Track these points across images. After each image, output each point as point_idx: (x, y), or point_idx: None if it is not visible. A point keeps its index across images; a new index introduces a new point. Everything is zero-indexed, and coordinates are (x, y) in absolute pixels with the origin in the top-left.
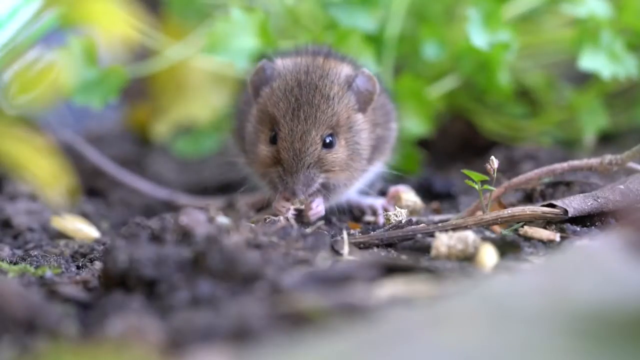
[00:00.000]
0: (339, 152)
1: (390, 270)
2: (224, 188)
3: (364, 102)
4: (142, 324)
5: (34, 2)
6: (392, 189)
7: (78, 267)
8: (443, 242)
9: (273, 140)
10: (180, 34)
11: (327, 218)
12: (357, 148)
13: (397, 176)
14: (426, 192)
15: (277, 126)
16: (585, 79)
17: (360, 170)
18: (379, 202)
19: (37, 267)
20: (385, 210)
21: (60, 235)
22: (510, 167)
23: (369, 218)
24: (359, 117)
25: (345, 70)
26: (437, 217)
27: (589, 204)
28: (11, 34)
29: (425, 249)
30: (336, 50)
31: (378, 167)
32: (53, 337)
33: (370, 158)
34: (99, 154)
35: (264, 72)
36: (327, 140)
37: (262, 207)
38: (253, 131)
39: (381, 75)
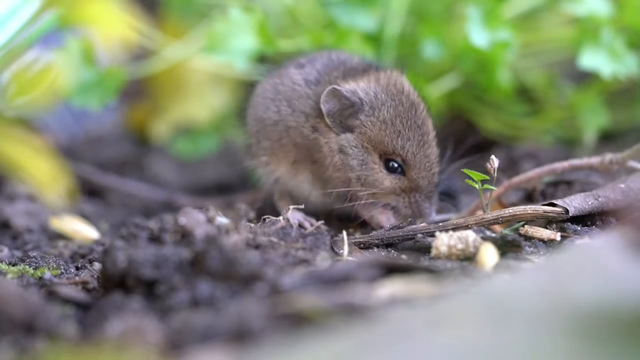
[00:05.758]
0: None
1: (391, 270)
2: (223, 188)
3: None
4: (142, 325)
5: (32, 3)
6: None
7: (77, 268)
8: (443, 241)
9: (392, 169)
10: (179, 34)
11: (327, 218)
12: None
13: None
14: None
15: (403, 157)
16: (585, 78)
17: None
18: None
19: (36, 268)
20: None
21: (59, 236)
22: (510, 166)
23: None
24: None
25: (404, 77)
26: (437, 217)
27: (589, 203)
28: (10, 35)
29: (426, 249)
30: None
31: None
32: (52, 338)
33: None
34: (92, 168)
35: (347, 100)
36: None
37: (262, 207)
38: (359, 163)
39: None
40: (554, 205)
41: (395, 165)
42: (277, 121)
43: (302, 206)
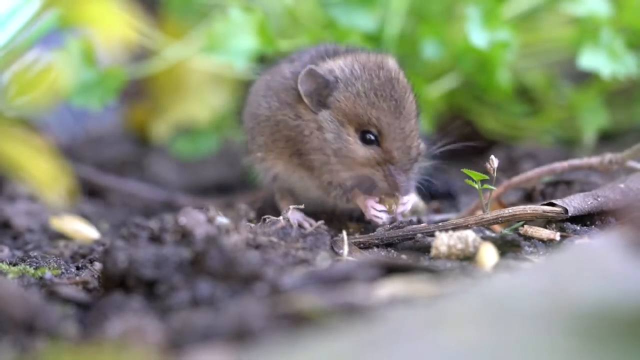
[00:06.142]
0: (419, 139)
1: (390, 270)
2: (224, 188)
3: None
4: (142, 325)
5: (32, 3)
6: None
7: (77, 268)
8: (443, 241)
9: (368, 142)
10: (179, 34)
11: (327, 218)
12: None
13: None
14: (426, 192)
15: (378, 127)
16: (585, 78)
17: None
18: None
19: (36, 268)
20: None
21: (60, 236)
22: (510, 166)
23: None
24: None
25: (393, 61)
26: (437, 217)
27: (589, 202)
28: (10, 35)
29: (426, 249)
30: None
31: None
32: (53, 338)
33: None
34: (92, 168)
35: (322, 79)
36: None
37: (262, 207)
38: (334, 136)
39: None
40: (553, 205)
41: (372, 137)
42: (268, 117)
43: (302, 206)
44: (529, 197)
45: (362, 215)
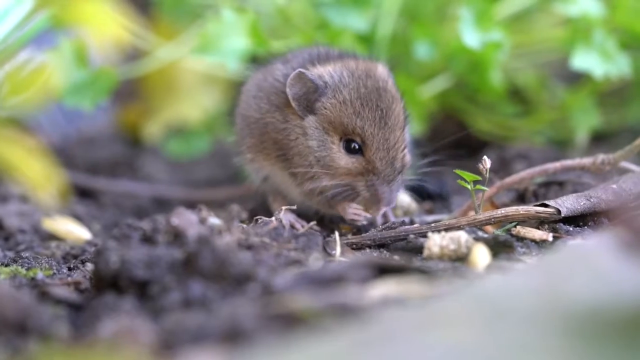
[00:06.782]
0: (406, 150)
1: (383, 270)
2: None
3: None
4: (134, 326)
5: (25, 4)
6: None
7: (69, 269)
8: (435, 242)
9: (352, 151)
10: (171, 34)
11: (320, 219)
12: (407, 139)
13: None
14: (418, 193)
15: (362, 137)
16: (577, 78)
17: None
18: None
19: (28, 269)
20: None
21: (52, 236)
22: (502, 167)
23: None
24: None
25: (383, 68)
26: (429, 218)
27: (581, 203)
28: (3, 35)
29: (418, 250)
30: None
31: None
32: (44, 339)
33: None
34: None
35: (312, 83)
36: None
37: (255, 207)
38: (317, 143)
39: None
40: (546, 205)
41: (356, 146)
42: (258, 119)
43: (295, 207)
44: (521, 197)
45: None
